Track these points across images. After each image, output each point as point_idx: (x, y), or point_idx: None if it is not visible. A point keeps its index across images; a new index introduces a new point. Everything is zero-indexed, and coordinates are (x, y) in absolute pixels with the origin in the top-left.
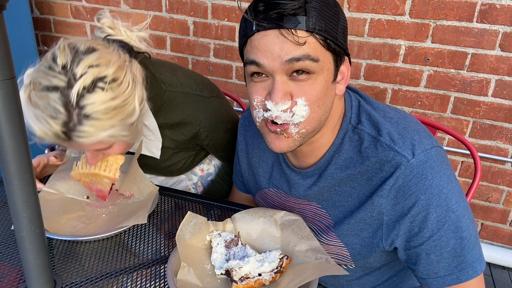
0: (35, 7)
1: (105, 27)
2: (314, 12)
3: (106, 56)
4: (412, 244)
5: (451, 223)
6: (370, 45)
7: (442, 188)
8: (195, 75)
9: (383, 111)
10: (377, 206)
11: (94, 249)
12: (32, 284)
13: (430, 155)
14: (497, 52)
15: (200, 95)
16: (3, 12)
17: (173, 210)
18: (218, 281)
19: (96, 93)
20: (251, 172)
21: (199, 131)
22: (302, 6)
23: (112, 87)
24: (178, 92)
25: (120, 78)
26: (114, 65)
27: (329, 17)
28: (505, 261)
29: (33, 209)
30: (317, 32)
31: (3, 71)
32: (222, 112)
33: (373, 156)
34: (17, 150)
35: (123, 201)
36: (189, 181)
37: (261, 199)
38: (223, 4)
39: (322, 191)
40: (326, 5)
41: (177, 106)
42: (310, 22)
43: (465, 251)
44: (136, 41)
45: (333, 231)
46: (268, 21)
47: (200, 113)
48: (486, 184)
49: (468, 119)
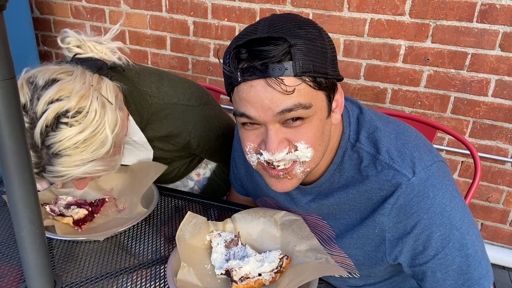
0: (35, 7)
1: (72, 46)
2: (300, 55)
3: (67, 87)
4: (417, 262)
5: (455, 241)
6: (370, 45)
7: (444, 206)
8: (183, 82)
9: (382, 125)
10: (378, 223)
11: (94, 249)
12: (32, 284)
13: (431, 172)
14: (497, 52)
15: (188, 105)
16: (3, 12)
17: (173, 210)
18: (218, 281)
19: (61, 130)
20: (250, 179)
21: (189, 141)
22: (287, 51)
23: (77, 119)
24: (165, 104)
25: (85, 108)
26: (76, 95)
27: (317, 53)
28: (505, 261)
29: (33, 209)
30: (306, 75)
31: (3, 71)
32: (212, 119)
33: (372, 175)
34: (17, 150)
35: (113, 213)
36: (184, 187)
37: (261, 205)
38: (223, 4)
39: (321, 207)
40: (312, 41)
41: (164, 118)
42: (297, 66)
43: (471, 268)
44: (108, 54)
45: (335, 243)
46: (253, 71)
47: (189, 123)
48: (486, 184)
49: (468, 119)
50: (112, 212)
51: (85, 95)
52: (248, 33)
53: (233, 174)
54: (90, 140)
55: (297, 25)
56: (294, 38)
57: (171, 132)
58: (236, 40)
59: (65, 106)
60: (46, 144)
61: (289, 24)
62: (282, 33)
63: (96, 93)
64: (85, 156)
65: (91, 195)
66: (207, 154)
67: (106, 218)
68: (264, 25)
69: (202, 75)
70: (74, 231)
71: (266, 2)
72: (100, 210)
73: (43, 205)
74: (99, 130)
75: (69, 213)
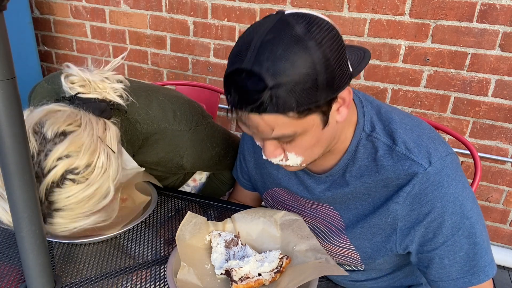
0: (35, 7)
1: (76, 86)
2: (281, 94)
3: (77, 142)
4: (426, 248)
5: (465, 229)
6: (370, 45)
7: (457, 196)
8: (173, 102)
9: (397, 116)
10: (392, 212)
11: (95, 249)
12: (32, 284)
13: (446, 163)
14: (497, 52)
15: (178, 130)
16: (3, 12)
17: (172, 210)
18: (218, 281)
19: (67, 186)
20: (259, 172)
21: (182, 164)
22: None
23: (84, 175)
24: (155, 129)
25: (92, 163)
26: (86, 152)
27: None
28: (505, 261)
29: (33, 209)
30: (288, 111)
31: (3, 71)
32: (204, 141)
33: (388, 165)
34: (17, 150)
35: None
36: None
37: (269, 198)
38: (223, 4)
39: (335, 196)
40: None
41: (155, 143)
42: (277, 106)
43: (478, 256)
44: (111, 94)
45: (345, 234)
46: (238, 102)
47: (180, 148)
48: (486, 184)
49: (468, 119)
50: None
51: (93, 150)
52: (239, 54)
53: (239, 169)
54: (93, 194)
55: (285, 53)
56: (276, 76)
57: (162, 158)
58: (230, 63)
59: (74, 164)
60: (49, 200)
61: (277, 50)
62: (266, 68)
63: (103, 145)
64: (86, 210)
65: None
66: (203, 170)
67: None
68: (255, 47)
69: (202, 75)
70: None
71: (266, 2)
72: None
73: None
74: (103, 183)
75: None
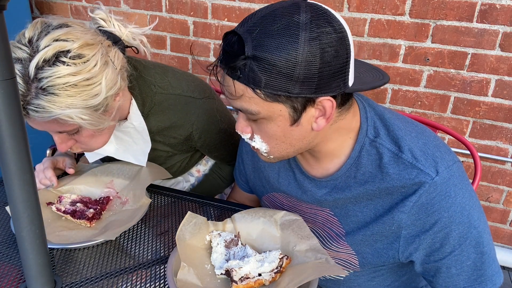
0: (35, 7)
1: (98, 18)
2: (254, 68)
3: (77, 33)
4: (432, 258)
5: (472, 238)
6: (370, 45)
7: (464, 205)
8: (187, 75)
9: (401, 123)
10: (396, 220)
11: (95, 250)
12: (32, 284)
13: (452, 172)
14: (497, 52)
15: (192, 97)
16: (3, 12)
17: (172, 210)
18: (218, 281)
19: (57, 66)
20: (257, 175)
21: (191, 133)
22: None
23: (75, 62)
24: (169, 94)
25: (86, 55)
26: (82, 41)
27: (277, 71)
28: (505, 261)
29: (33, 209)
30: (256, 88)
31: (3, 71)
32: (214, 113)
33: (394, 173)
34: (17, 150)
35: (119, 206)
36: (186, 182)
37: (268, 202)
38: (223, 4)
39: (336, 201)
40: (278, 57)
41: (167, 109)
42: (248, 78)
43: (485, 265)
44: (129, 37)
45: (345, 240)
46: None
47: (192, 115)
48: (486, 184)
49: (468, 119)
50: (117, 206)
51: (91, 45)
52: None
53: (238, 170)
54: (82, 87)
55: (277, 32)
56: (257, 49)
57: (174, 123)
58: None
59: (68, 47)
60: (38, 77)
61: (269, 27)
62: (252, 38)
63: (103, 50)
64: (72, 101)
65: (93, 193)
66: (208, 148)
67: (112, 213)
68: (257, 18)
69: (202, 75)
70: (66, 239)
71: (266, 2)
72: (106, 208)
73: (48, 204)
74: (94, 82)
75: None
